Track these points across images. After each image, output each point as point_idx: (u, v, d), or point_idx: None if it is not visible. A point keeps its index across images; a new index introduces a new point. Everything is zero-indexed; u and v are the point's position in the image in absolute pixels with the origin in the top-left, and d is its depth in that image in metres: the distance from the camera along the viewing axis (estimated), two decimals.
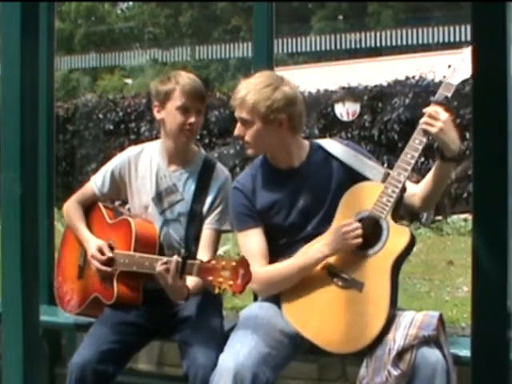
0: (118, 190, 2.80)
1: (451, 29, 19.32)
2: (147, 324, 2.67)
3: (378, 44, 20.29)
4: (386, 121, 10.77)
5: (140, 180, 2.75)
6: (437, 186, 2.38)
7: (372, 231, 2.30)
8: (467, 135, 10.00)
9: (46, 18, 3.33)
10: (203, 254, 2.58)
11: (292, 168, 2.47)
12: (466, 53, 2.32)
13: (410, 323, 2.20)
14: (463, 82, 2.32)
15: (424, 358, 2.15)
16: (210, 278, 2.20)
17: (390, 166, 2.40)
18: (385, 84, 11.06)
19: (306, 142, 2.54)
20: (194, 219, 2.67)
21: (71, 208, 2.85)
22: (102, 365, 2.49)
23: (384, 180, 2.33)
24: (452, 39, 18.88)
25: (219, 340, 2.41)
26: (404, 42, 19.89)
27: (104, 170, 2.82)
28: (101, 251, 2.66)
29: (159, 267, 2.39)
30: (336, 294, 2.31)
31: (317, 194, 2.44)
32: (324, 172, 2.46)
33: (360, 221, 2.31)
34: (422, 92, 10.25)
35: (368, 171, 2.42)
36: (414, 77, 10.93)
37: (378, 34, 20.49)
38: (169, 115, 2.65)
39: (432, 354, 2.16)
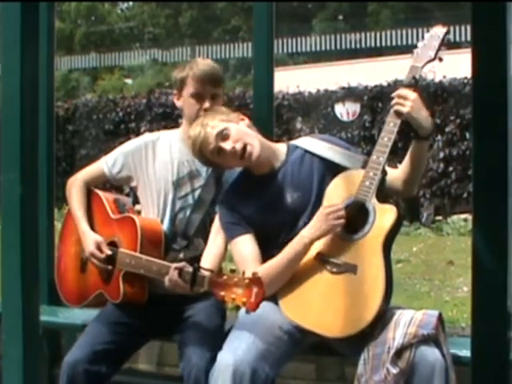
0: (128, 175, 2.75)
1: (451, 29, 19.30)
2: (146, 325, 2.64)
3: (378, 44, 20.29)
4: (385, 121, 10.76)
5: (158, 164, 2.71)
6: (416, 166, 2.40)
7: (359, 215, 2.31)
8: (467, 135, 10.01)
9: (46, 18, 3.33)
10: (216, 239, 2.53)
11: (272, 170, 2.49)
12: (427, 38, 2.41)
13: (410, 322, 2.21)
14: (427, 63, 2.38)
15: (423, 356, 2.15)
16: (222, 293, 2.17)
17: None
18: (385, 84, 11.06)
19: (283, 144, 2.58)
20: (205, 202, 2.67)
21: (76, 188, 2.76)
22: (95, 365, 2.47)
23: (364, 166, 2.36)
24: (452, 39, 18.86)
25: (216, 340, 2.38)
26: (404, 42, 19.89)
27: (117, 152, 2.76)
28: (99, 248, 2.63)
29: (168, 277, 2.35)
30: (331, 281, 2.31)
31: (301, 191, 2.46)
32: (304, 169, 2.48)
33: (346, 207, 2.33)
34: (422, 92, 10.24)
35: (346, 160, 2.45)
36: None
37: (378, 34, 20.49)
38: (185, 103, 2.68)
39: (431, 353, 2.16)
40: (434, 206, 9.92)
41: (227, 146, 2.42)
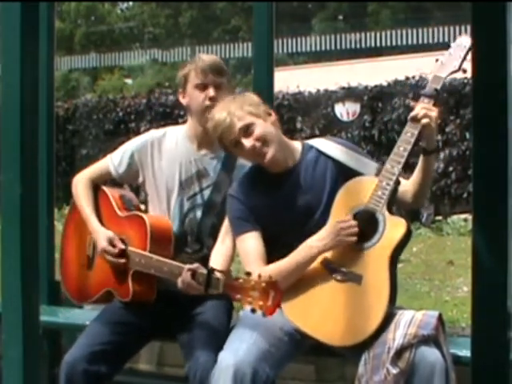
0: (135, 173, 2.72)
1: (451, 29, 19.31)
2: (149, 325, 2.63)
3: (378, 44, 20.29)
4: (386, 121, 10.77)
5: (165, 163, 2.68)
6: (425, 179, 2.41)
7: (368, 224, 2.30)
8: (467, 135, 10.01)
9: (46, 18, 3.33)
10: (225, 238, 2.55)
11: (286, 169, 2.48)
12: (453, 47, 2.38)
13: (410, 322, 2.21)
14: (451, 74, 2.37)
15: (423, 356, 2.15)
16: (239, 296, 2.16)
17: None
18: (385, 84, 11.06)
19: (298, 143, 2.56)
20: (215, 203, 2.65)
21: (82, 186, 2.74)
22: (94, 365, 2.47)
23: (378, 174, 2.35)
24: (452, 39, 18.80)
25: (222, 341, 2.37)
26: (404, 42, 19.89)
27: (122, 149, 2.74)
28: (112, 244, 2.59)
29: (184, 277, 2.34)
30: (335, 289, 2.31)
31: (313, 192, 2.45)
32: (318, 170, 2.48)
33: (356, 215, 2.32)
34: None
35: (361, 167, 2.45)
36: (413, 77, 10.94)
37: (377, 34, 20.48)
38: (190, 97, 2.66)
39: (431, 353, 2.16)
40: (434, 205, 9.91)
41: (247, 143, 2.41)
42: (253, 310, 2.14)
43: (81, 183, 2.76)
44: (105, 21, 29.84)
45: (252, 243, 2.44)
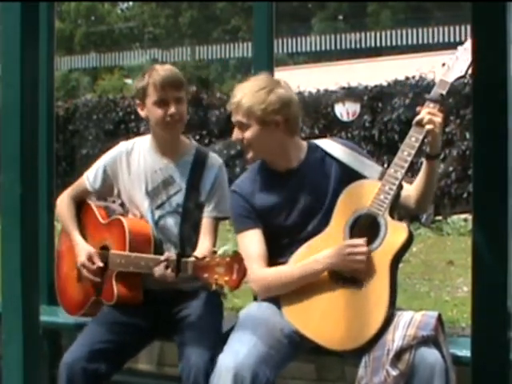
0: (110, 186, 2.78)
1: (451, 29, 19.31)
2: (146, 325, 2.64)
3: (378, 44, 20.29)
4: (386, 121, 10.77)
5: (133, 175, 2.73)
6: (428, 185, 2.40)
7: (370, 228, 2.30)
8: (467, 135, 10.01)
9: (46, 18, 3.33)
10: (203, 241, 2.62)
11: (291, 169, 2.48)
12: (460, 51, 2.35)
13: (409, 323, 2.20)
14: (457, 80, 2.35)
15: (422, 358, 2.15)
16: (206, 275, 2.22)
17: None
18: (385, 84, 11.07)
19: (304, 143, 2.56)
20: (190, 209, 2.67)
21: (64, 205, 2.83)
22: (93, 364, 2.48)
23: (381, 178, 2.35)
24: (452, 39, 18.87)
25: (215, 339, 2.40)
26: (404, 42, 19.89)
27: (96, 165, 2.80)
28: (91, 260, 2.66)
29: (157, 269, 2.40)
30: (335, 292, 2.31)
31: (316, 193, 2.45)
32: (322, 171, 2.48)
33: (358, 218, 2.32)
34: (422, 92, 10.25)
35: (365, 169, 2.44)
36: (414, 77, 10.95)
37: (377, 34, 20.48)
38: (149, 112, 2.67)
39: (430, 354, 2.16)
40: (434, 206, 9.92)
41: (236, 134, 2.47)
42: (221, 287, 2.18)
43: (62, 202, 2.85)
44: (105, 21, 29.85)
45: (253, 241, 2.44)
